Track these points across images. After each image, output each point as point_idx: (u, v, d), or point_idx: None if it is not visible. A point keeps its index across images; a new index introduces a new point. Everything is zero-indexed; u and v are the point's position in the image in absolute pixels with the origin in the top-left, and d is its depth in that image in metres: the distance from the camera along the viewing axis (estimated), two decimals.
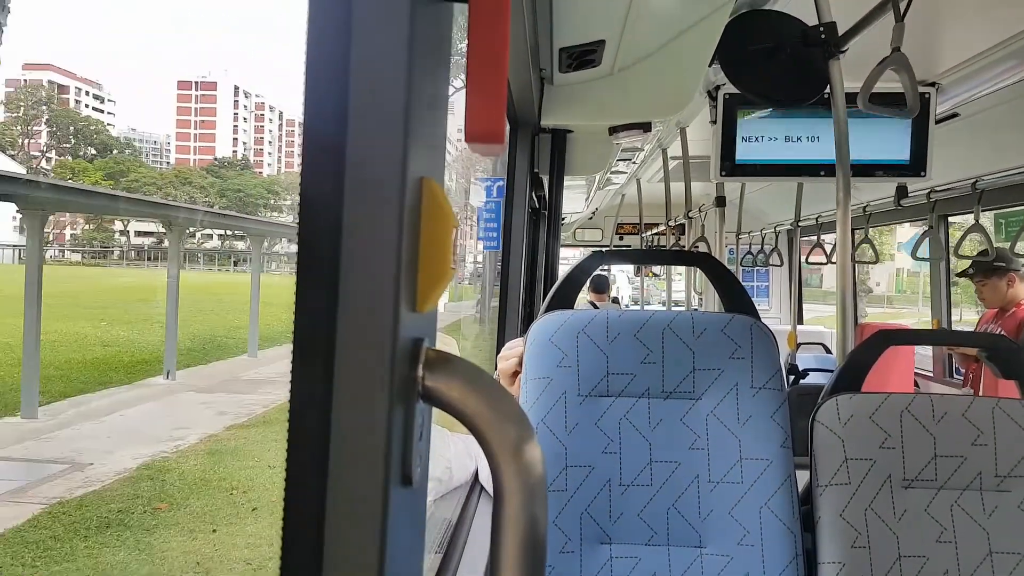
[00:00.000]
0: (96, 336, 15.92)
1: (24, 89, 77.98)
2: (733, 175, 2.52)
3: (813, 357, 4.85)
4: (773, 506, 1.23)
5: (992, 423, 1.26)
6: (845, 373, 1.42)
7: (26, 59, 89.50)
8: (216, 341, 16.29)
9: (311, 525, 0.37)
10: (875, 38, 1.70)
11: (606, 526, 1.25)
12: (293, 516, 0.37)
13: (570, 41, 1.90)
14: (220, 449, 8.02)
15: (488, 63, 0.38)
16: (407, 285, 0.37)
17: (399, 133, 0.35)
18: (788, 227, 5.50)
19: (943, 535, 1.23)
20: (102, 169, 65.66)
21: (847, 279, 1.91)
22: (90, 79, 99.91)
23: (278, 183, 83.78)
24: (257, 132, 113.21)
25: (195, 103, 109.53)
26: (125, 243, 63.77)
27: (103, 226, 62.13)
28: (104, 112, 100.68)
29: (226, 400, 10.46)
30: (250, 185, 75.71)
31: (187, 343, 14.69)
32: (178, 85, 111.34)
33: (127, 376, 11.95)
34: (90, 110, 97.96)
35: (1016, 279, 3.80)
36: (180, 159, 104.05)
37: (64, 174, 63.81)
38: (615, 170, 4.80)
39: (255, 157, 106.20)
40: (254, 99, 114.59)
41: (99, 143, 75.99)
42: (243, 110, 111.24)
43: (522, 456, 0.40)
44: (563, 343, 1.30)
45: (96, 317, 18.60)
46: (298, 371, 0.37)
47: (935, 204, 3.71)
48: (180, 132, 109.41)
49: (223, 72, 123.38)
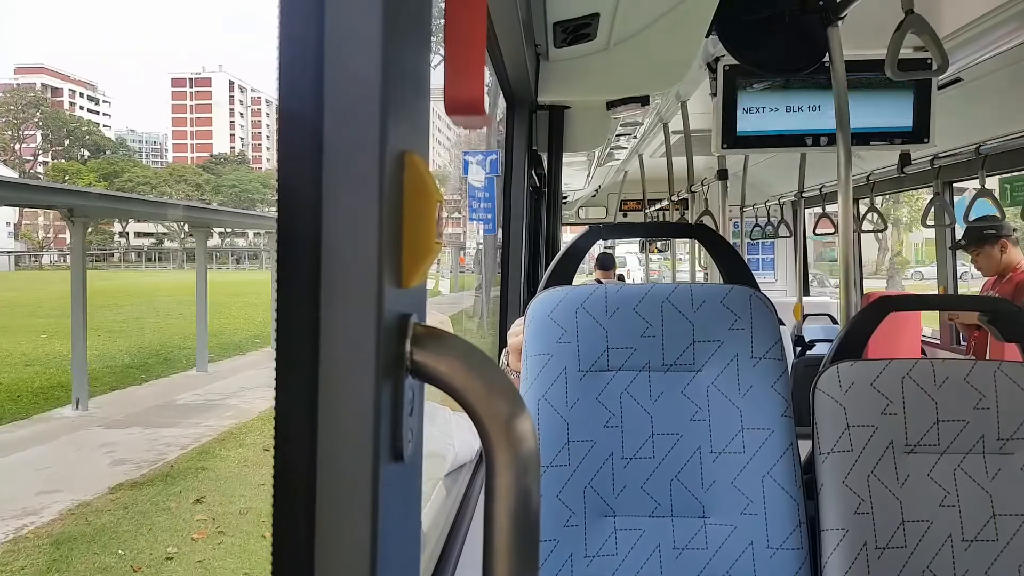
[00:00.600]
0: (24, 353, 13.29)
1: (13, 92, 77.03)
2: (735, 147, 2.51)
3: (820, 328, 4.84)
4: (775, 475, 1.23)
5: (994, 386, 1.26)
6: (846, 341, 1.42)
7: (17, 63, 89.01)
8: (165, 352, 13.84)
9: (302, 503, 0.37)
10: (873, 3, 1.68)
11: (609, 499, 1.26)
12: (283, 494, 0.37)
13: (564, 15, 1.89)
14: (74, 535, 5.49)
15: (466, 30, 0.38)
16: (391, 260, 0.37)
17: (375, 106, 0.35)
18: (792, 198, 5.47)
19: (946, 499, 1.23)
20: (95, 170, 65.02)
21: (849, 248, 1.90)
22: (84, 80, 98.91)
23: (272, 175, 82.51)
24: (255, 127, 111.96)
25: (190, 100, 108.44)
26: (124, 245, 63.44)
27: (100, 228, 61.88)
28: (99, 113, 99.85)
29: (137, 439, 8.22)
30: (246, 180, 74.67)
31: (126, 358, 12.90)
32: (172, 82, 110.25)
33: (29, 406, 9.49)
34: (84, 111, 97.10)
35: (1008, 244, 3.79)
36: (177, 157, 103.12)
37: (58, 176, 63.33)
38: (616, 146, 4.77)
39: (253, 152, 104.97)
40: (250, 94, 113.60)
41: (91, 144, 75.40)
42: (239, 105, 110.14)
43: (513, 429, 0.40)
44: (562, 319, 1.30)
45: (41, 329, 15.88)
46: (283, 350, 0.37)
47: (939, 171, 3.68)
48: (176, 131, 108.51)
49: (218, 68, 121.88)
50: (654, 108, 3.46)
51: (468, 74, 0.38)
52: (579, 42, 2.06)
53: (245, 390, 10.64)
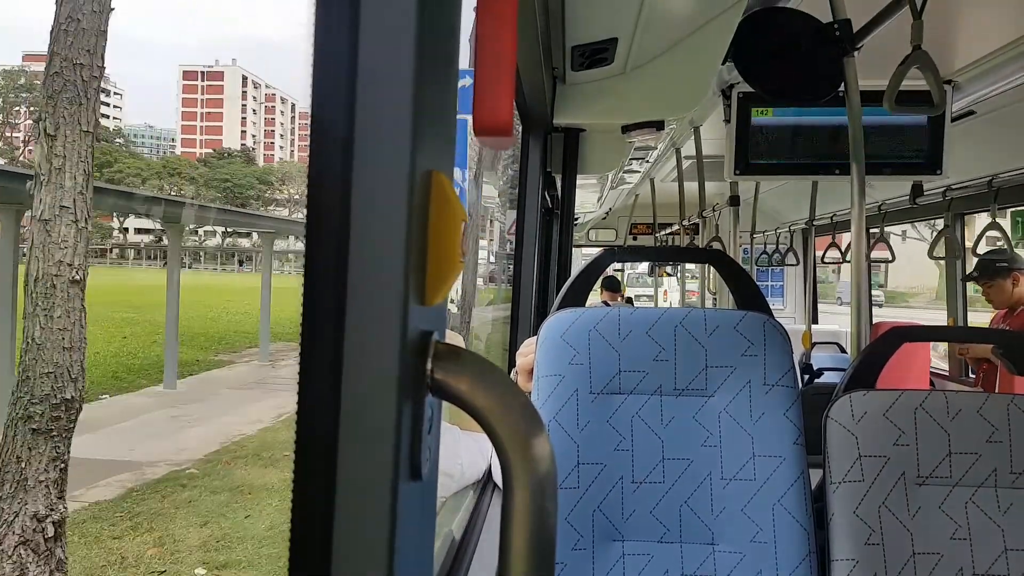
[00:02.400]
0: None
1: (4, 74, 73.48)
2: (747, 174, 2.51)
3: (828, 356, 4.82)
4: (786, 503, 1.22)
5: (1007, 420, 1.25)
6: (859, 370, 1.41)
7: (26, 49, 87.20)
8: (134, 365, 13.33)
9: (320, 519, 0.37)
10: (890, 35, 1.69)
11: (618, 523, 1.25)
12: (302, 509, 0.37)
13: (582, 39, 1.90)
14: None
15: (496, 53, 0.38)
16: (416, 278, 0.37)
17: (407, 125, 0.35)
18: (803, 226, 5.46)
19: (957, 532, 1.22)
20: None
21: (861, 278, 1.90)
22: None
23: (272, 172, 79.00)
24: (268, 125, 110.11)
25: (201, 94, 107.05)
26: (123, 240, 62.83)
27: (97, 222, 60.93)
28: (109, 105, 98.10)
29: None
30: (240, 174, 72.13)
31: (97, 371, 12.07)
32: (184, 75, 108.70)
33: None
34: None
35: (1021, 278, 3.77)
36: (186, 152, 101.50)
37: None
38: (628, 169, 4.79)
39: (265, 151, 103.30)
40: (264, 90, 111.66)
41: None
42: (252, 101, 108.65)
43: (532, 449, 0.40)
44: (575, 340, 1.30)
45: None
46: (306, 365, 0.37)
47: (951, 202, 3.68)
48: (186, 124, 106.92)
49: (231, 61, 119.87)
50: (668, 133, 3.47)
51: (497, 97, 0.39)
52: (596, 66, 2.07)
53: None
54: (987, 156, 3.17)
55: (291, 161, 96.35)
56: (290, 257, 38.10)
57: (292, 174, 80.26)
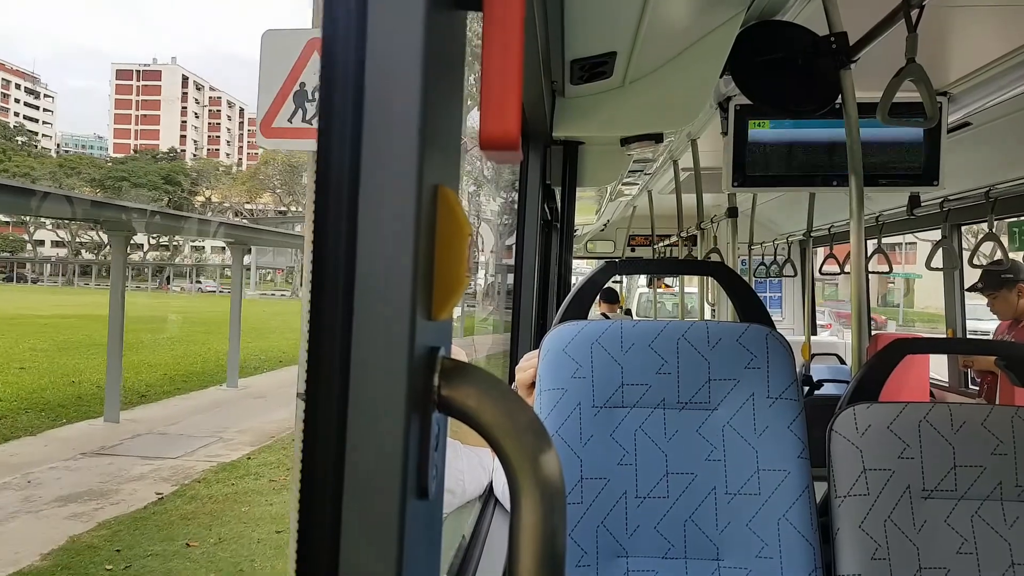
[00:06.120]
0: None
1: None
2: (745, 185, 2.52)
3: (827, 368, 4.81)
4: (791, 518, 1.21)
5: (1012, 433, 1.24)
6: (862, 383, 1.41)
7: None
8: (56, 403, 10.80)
9: (327, 537, 0.36)
10: (886, 47, 1.69)
11: (622, 539, 1.24)
12: (308, 528, 0.37)
13: (582, 53, 1.91)
14: None
15: (502, 69, 0.38)
16: (422, 293, 0.37)
17: (413, 140, 0.35)
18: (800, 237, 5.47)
19: (964, 546, 1.21)
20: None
21: (861, 289, 1.90)
22: (22, 70, 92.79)
23: (183, 171, 69.68)
24: (212, 130, 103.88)
25: (136, 95, 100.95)
26: (35, 254, 58.62)
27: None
28: (39, 108, 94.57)
29: None
30: (139, 172, 64.24)
31: None
32: (116, 74, 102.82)
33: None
34: (21, 104, 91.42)
35: None
36: None
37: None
38: (626, 181, 4.80)
39: (209, 157, 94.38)
40: (207, 93, 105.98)
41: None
42: (193, 104, 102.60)
43: (540, 466, 0.40)
44: (577, 354, 1.29)
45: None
46: (313, 381, 0.36)
47: (948, 213, 3.68)
48: (119, 128, 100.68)
49: (171, 60, 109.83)
50: (666, 145, 3.48)
51: (503, 112, 0.39)
52: (595, 79, 2.08)
53: None
54: (984, 167, 3.18)
55: (206, 159, 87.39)
56: None
57: (208, 172, 71.43)
